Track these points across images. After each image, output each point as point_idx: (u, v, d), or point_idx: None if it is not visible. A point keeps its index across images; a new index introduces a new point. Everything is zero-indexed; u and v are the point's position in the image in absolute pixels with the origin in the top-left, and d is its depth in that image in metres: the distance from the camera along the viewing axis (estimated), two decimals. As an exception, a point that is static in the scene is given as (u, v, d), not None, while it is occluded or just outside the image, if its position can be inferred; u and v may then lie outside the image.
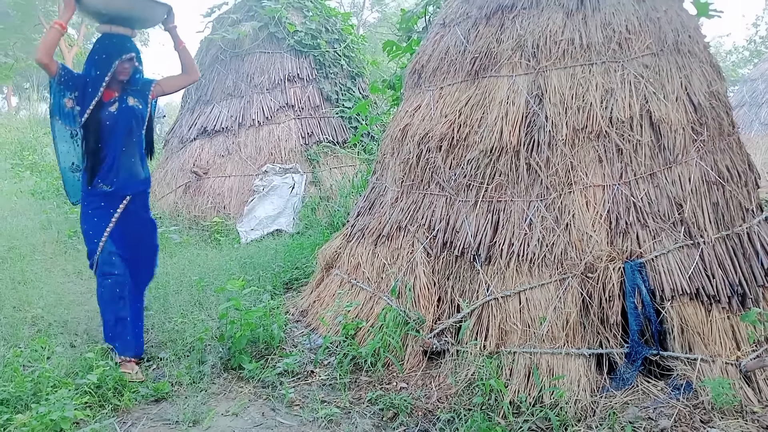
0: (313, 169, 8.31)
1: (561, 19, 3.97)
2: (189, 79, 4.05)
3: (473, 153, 4.01)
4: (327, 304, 4.50)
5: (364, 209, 4.78)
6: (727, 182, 3.82)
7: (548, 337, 3.50)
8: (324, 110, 8.73)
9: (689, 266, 3.54)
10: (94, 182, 3.71)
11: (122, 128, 3.74)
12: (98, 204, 3.75)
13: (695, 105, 3.83)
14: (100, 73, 3.65)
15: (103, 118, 3.68)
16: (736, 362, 3.43)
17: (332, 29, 9.25)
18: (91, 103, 3.64)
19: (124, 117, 3.74)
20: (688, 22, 4.18)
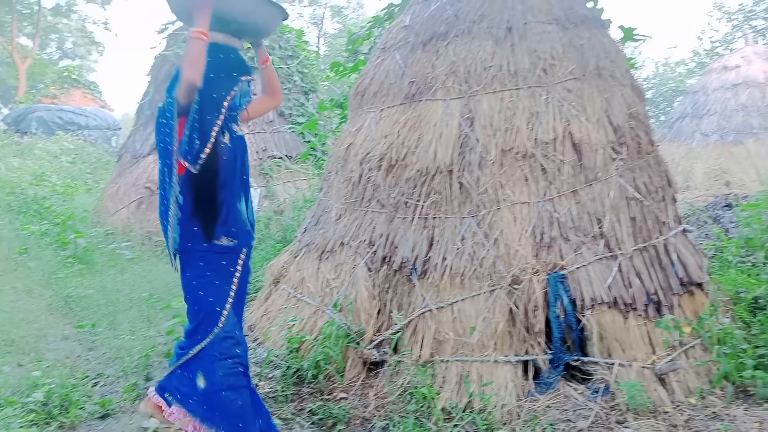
0: (267, 183, 8.44)
1: (491, 47, 4.23)
2: (273, 101, 3.34)
3: (411, 172, 4.22)
4: (274, 319, 4.65)
5: (311, 225, 4.96)
6: (645, 198, 4.12)
7: (478, 346, 3.72)
8: (277, 125, 8.88)
9: (608, 277, 3.81)
10: (216, 235, 2.81)
11: (239, 163, 2.93)
12: (218, 263, 2.85)
13: (615, 126, 4.13)
14: (220, 95, 2.82)
15: (220, 152, 2.82)
16: (651, 366, 3.71)
17: (285, 46, 9.42)
18: (211, 134, 2.78)
19: (238, 149, 2.93)
20: (610, 47, 4.49)
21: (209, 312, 2.81)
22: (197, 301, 2.83)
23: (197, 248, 2.81)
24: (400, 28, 4.75)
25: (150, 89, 9.28)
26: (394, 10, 5.75)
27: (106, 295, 5.64)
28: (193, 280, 2.82)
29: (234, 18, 2.87)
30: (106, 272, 6.56)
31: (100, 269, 6.72)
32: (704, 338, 3.92)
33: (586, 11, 4.52)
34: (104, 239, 7.86)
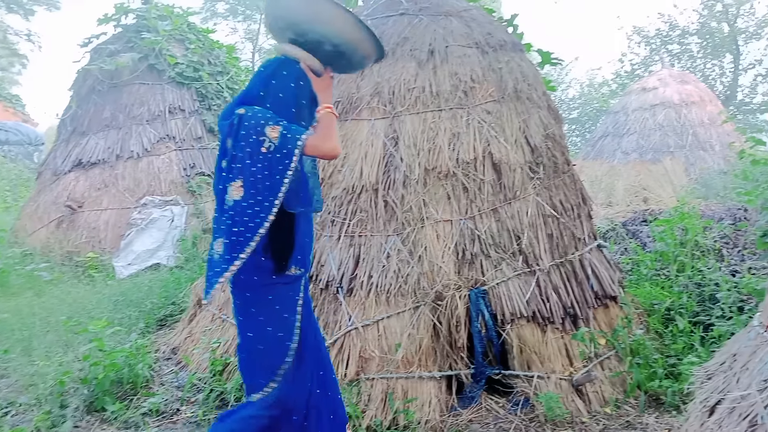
0: (195, 200, 8.29)
1: (414, 69, 4.33)
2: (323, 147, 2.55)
3: (337, 191, 4.25)
4: (198, 341, 4.55)
5: (236, 244, 4.89)
6: (561, 215, 4.29)
7: (403, 363, 3.76)
8: (207, 142, 8.76)
9: (527, 292, 3.94)
10: (288, 266, 2.60)
11: (309, 188, 2.66)
12: (286, 294, 2.64)
13: (532, 146, 4.30)
14: (308, 124, 2.58)
15: (302, 180, 2.58)
16: (568, 377, 3.85)
17: (215, 62, 9.33)
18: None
19: (310, 172, 2.70)
20: (528, 71, 4.67)
21: (276, 352, 2.58)
22: (264, 338, 2.57)
23: (266, 281, 2.56)
24: (325, 48, 4.79)
25: (72, 104, 8.99)
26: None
27: (22, 319, 5.38)
28: (260, 316, 2.57)
29: (334, 47, 2.59)
30: (22, 295, 6.26)
31: (16, 292, 6.41)
32: (618, 349, 4.11)
33: (505, 36, 4.71)
34: (21, 260, 7.49)
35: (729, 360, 2.50)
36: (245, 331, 2.64)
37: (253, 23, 29.05)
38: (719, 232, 6.69)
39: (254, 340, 2.60)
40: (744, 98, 19.39)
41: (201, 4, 27.39)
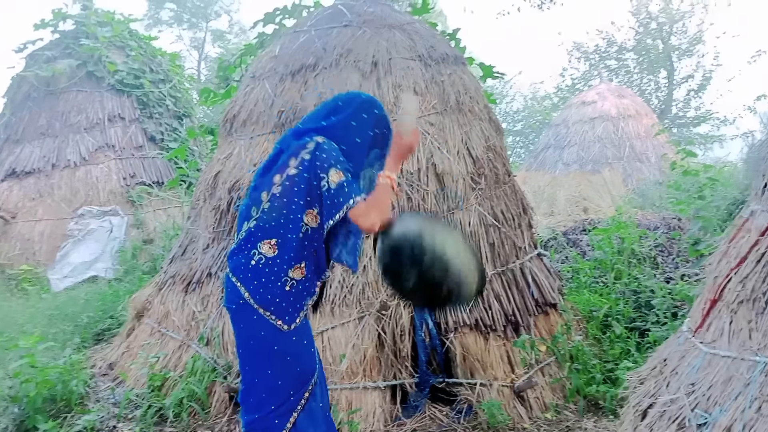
0: (136, 211, 8.07)
1: (357, 80, 4.34)
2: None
3: (280, 201, 4.21)
4: (136, 356, 4.42)
5: (177, 255, 4.79)
6: (503, 225, 4.37)
7: (348, 373, 3.74)
8: (148, 151, 8.55)
9: (470, 300, 3.99)
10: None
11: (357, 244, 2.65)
12: (307, 325, 2.56)
13: (474, 158, 4.37)
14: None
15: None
16: (510, 384, 3.91)
17: (157, 69, 9.14)
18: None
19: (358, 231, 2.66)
20: (469, 84, 4.76)
21: (301, 384, 2.44)
22: (293, 377, 2.43)
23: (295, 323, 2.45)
24: (269, 57, 4.77)
25: (6, 111, 8.65)
26: (265, 39, 5.78)
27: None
28: (288, 355, 2.43)
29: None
30: (-53, 311, 5.95)
31: (-59, 308, 6.08)
32: (558, 356, 4.20)
33: (448, 49, 4.78)
34: (-52, 274, 7.14)
35: (660, 365, 2.59)
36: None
37: (198, 31, 28.60)
38: (654, 241, 6.95)
39: (288, 376, 2.45)
40: (678, 112, 20.26)
41: (144, 11, 26.80)
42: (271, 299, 2.36)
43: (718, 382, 2.16)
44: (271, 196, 2.43)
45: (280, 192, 2.40)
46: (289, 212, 2.38)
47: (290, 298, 2.39)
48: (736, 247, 2.32)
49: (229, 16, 28.61)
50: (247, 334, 2.44)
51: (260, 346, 2.40)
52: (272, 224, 2.39)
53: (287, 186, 2.39)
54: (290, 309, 2.39)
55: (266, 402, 2.41)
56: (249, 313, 2.39)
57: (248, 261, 2.40)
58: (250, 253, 2.40)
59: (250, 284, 2.37)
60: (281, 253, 2.37)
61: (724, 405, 2.08)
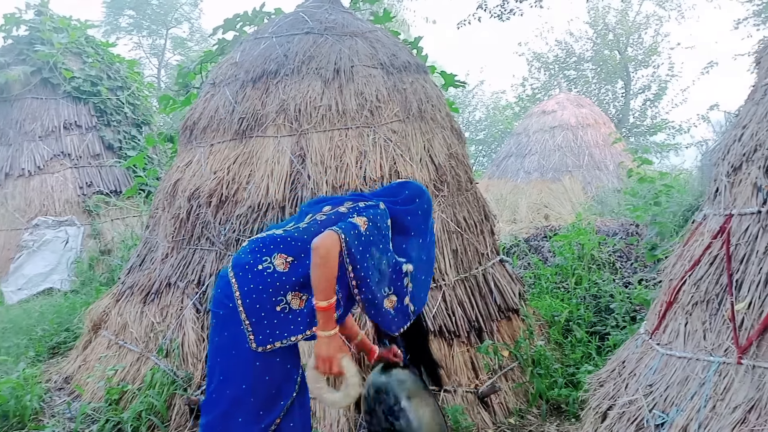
0: (92, 221, 7.87)
1: (320, 87, 4.33)
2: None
3: (242, 209, 4.16)
4: (93, 369, 4.30)
5: (136, 265, 4.69)
6: (465, 231, 4.41)
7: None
8: (105, 159, 8.36)
9: (433, 306, 4.00)
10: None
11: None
12: (294, 349, 2.53)
13: (436, 165, 4.39)
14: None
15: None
16: (474, 390, 3.92)
17: (115, 76, 8.95)
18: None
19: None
20: (431, 92, 4.79)
21: (278, 401, 2.37)
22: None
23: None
24: (230, 64, 4.72)
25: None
26: (226, 45, 5.72)
27: None
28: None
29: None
30: None
31: None
32: (521, 361, 4.24)
33: (410, 57, 4.81)
34: None
35: (619, 367, 2.64)
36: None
37: (158, 38, 28.16)
38: (613, 247, 7.10)
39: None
40: (635, 121, 20.78)
41: (101, 18, 26.26)
42: (259, 309, 2.27)
43: (675, 383, 2.20)
44: (313, 220, 2.44)
45: (323, 221, 2.41)
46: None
47: (275, 320, 2.28)
48: (690, 251, 2.38)
49: (190, 24, 28.26)
50: (231, 343, 2.32)
51: (242, 358, 2.30)
52: (298, 243, 2.34)
53: (332, 219, 2.40)
54: (268, 330, 2.27)
55: (232, 415, 2.32)
56: (237, 321, 2.28)
57: (255, 264, 2.31)
58: (261, 257, 2.33)
59: (246, 285, 2.28)
60: (291, 273, 2.30)
61: (681, 405, 2.12)
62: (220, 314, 2.33)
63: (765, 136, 2.16)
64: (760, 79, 2.40)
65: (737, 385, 2.01)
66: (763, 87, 2.33)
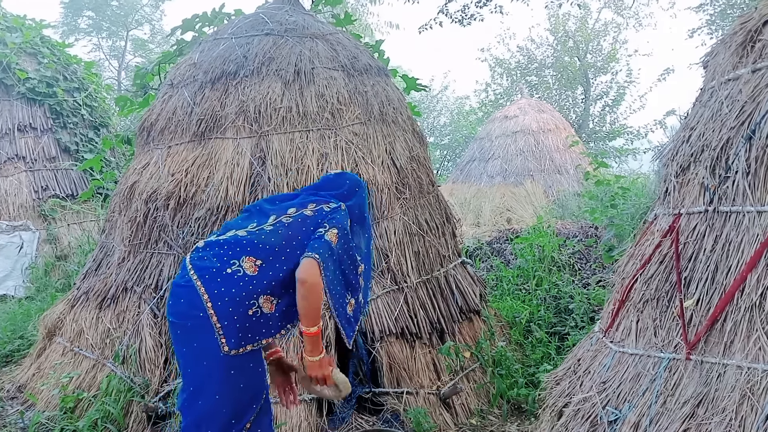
0: (48, 225, 7.66)
1: (280, 89, 4.31)
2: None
3: (200, 211, 4.10)
4: (47, 377, 4.17)
5: (91, 270, 4.58)
6: (427, 233, 4.43)
7: (272, 387, 3.66)
8: (61, 162, 8.15)
9: (395, 309, 4.01)
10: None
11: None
12: (260, 351, 2.55)
13: (398, 167, 4.41)
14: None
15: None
16: (436, 391, 3.94)
17: (72, 77, 8.73)
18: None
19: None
20: (393, 95, 4.81)
21: (250, 405, 2.38)
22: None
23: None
24: (188, 65, 4.65)
25: None
26: (184, 46, 5.64)
27: None
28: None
29: None
30: None
31: None
32: (482, 361, 4.28)
33: (371, 60, 4.82)
34: None
35: (574, 365, 2.68)
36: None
37: (118, 40, 27.63)
38: (572, 249, 7.22)
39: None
40: (594, 126, 21.19)
41: (58, 18, 25.64)
42: (231, 313, 2.22)
43: (627, 379, 2.25)
44: (278, 222, 2.42)
45: (289, 223, 2.41)
46: (288, 245, 2.35)
47: (247, 324, 2.25)
48: (642, 249, 2.43)
49: (152, 25, 27.80)
50: (201, 353, 2.26)
51: (215, 368, 2.25)
52: (266, 246, 2.33)
53: (298, 222, 2.41)
54: (241, 334, 2.24)
55: (201, 427, 2.28)
56: (208, 330, 2.22)
57: (223, 268, 2.27)
58: (228, 261, 2.29)
59: (216, 289, 2.23)
60: (261, 276, 2.29)
61: (633, 401, 2.17)
62: (188, 325, 2.26)
63: (712, 137, 2.23)
64: (706, 82, 2.48)
65: (686, 381, 2.06)
66: (709, 89, 2.40)
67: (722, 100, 2.21)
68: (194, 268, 2.30)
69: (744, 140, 2.09)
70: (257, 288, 2.27)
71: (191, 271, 2.29)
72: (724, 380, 1.92)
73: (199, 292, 2.23)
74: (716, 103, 2.27)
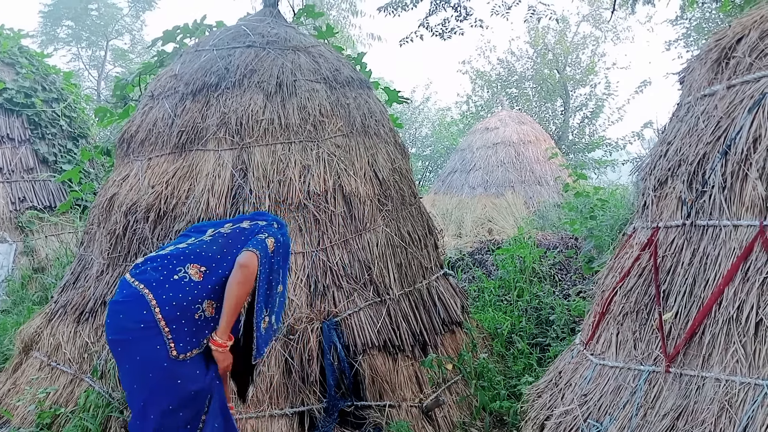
0: (25, 237, 7.53)
1: (262, 101, 4.30)
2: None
3: (181, 224, 4.07)
4: (23, 392, 4.09)
5: (69, 283, 4.51)
6: (409, 245, 4.43)
7: (253, 401, 3.63)
8: (39, 173, 8.03)
9: (378, 321, 4.00)
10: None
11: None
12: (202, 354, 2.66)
13: (380, 179, 4.42)
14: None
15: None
16: (418, 404, 3.93)
17: (50, 88, 8.63)
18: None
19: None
20: (375, 107, 4.82)
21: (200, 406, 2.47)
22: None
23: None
24: (169, 76, 4.63)
25: None
26: (165, 57, 5.62)
27: None
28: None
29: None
30: None
31: None
32: (464, 373, 4.28)
33: (353, 73, 4.84)
34: None
35: (556, 378, 2.70)
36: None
37: (98, 50, 27.39)
38: (553, 260, 7.27)
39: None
40: (574, 138, 21.42)
41: (36, 27, 25.35)
42: (179, 317, 2.35)
43: (608, 392, 2.27)
44: (217, 233, 2.63)
45: (227, 234, 2.61)
46: (228, 252, 2.52)
47: (194, 328, 2.39)
48: (621, 262, 2.46)
49: (132, 35, 27.61)
50: (145, 365, 2.33)
51: (163, 378, 2.32)
52: (208, 254, 2.51)
53: (236, 233, 2.62)
54: (188, 338, 2.37)
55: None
56: (150, 342, 2.30)
57: (170, 275, 2.41)
58: (174, 268, 2.44)
59: (163, 294, 2.35)
60: (205, 282, 2.44)
61: (614, 413, 2.18)
62: (129, 339, 2.34)
63: (688, 152, 2.27)
64: (683, 97, 2.53)
65: (666, 393, 2.09)
66: (686, 105, 2.44)
67: (698, 115, 2.26)
68: (138, 279, 2.42)
69: (720, 155, 2.13)
70: (202, 293, 2.44)
71: (135, 282, 2.41)
72: (702, 393, 1.94)
73: (146, 298, 2.34)
74: (692, 118, 2.31)
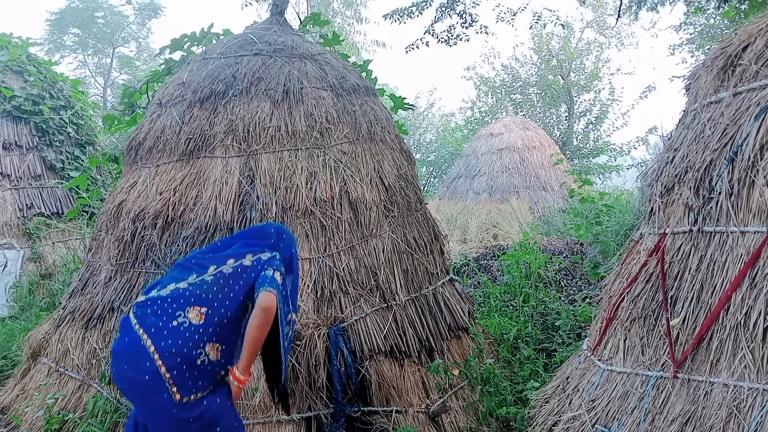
0: (33, 244, 7.58)
1: (269, 108, 4.33)
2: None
3: (189, 230, 4.09)
4: (32, 398, 4.12)
5: (77, 289, 4.54)
6: (415, 251, 4.45)
7: (260, 407, 3.65)
8: (47, 180, 8.09)
9: (384, 327, 4.01)
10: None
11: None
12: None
13: (386, 185, 4.44)
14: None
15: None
16: (425, 410, 3.93)
17: (58, 95, 8.70)
18: None
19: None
20: (380, 114, 4.85)
21: None
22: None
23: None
24: (177, 84, 4.67)
25: None
26: (173, 65, 5.66)
27: None
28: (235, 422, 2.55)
29: None
30: None
31: None
32: (471, 379, 4.28)
33: (359, 80, 4.87)
34: None
35: (563, 383, 2.70)
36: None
37: (104, 57, 27.57)
38: (558, 265, 7.27)
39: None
40: (578, 143, 21.42)
41: (44, 35, 25.54)
42: (180, 363, 2.32)
43: (616, 397, 2.27)
44: (219, 272, 2.54)
45: (230, 273, 2.52)
46: (230, 291, 2.47)
47: (195, 372, 2.36)
48: (628, 268, 2.47)
49: (138, 43, 27.78)
50: (157, 415, 2.37)
51: (173, 427, 2.35)
52: (209, 295, 2.45)
53: (238, 272, 2.52)
54: (191, 383, 2.35)
55: None
56: (157, 393, 2.32)
57: (169, 321, 2.38)
58: (174, 313, 2.40)
59: (162, 342, 2.33)
60: (207, 323, 2.40)
61: (622, 419, 2.19)
62: (136, 390, 2.37)
63: (695, 159, 2.28)
64: (689, 104, 2.54)
65: (674, 399, 2.09)
66: (692, 112, 2.46)
67: (705, 122, 2.27)
68: (140, 324, 2.40)
69: (727, 162, 2.14)
70: (203, 336, 2.39)
71: (136, 326, 2.39)
72: (711, 398, 1.95)
73: (147, 349, 2.33)
74: (699, 125, 2.32)
